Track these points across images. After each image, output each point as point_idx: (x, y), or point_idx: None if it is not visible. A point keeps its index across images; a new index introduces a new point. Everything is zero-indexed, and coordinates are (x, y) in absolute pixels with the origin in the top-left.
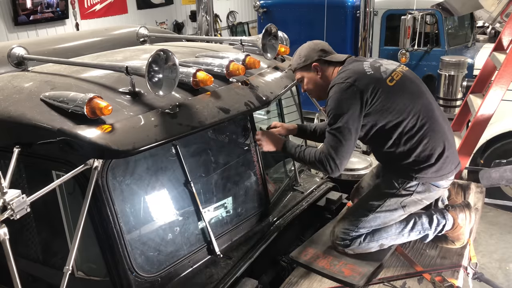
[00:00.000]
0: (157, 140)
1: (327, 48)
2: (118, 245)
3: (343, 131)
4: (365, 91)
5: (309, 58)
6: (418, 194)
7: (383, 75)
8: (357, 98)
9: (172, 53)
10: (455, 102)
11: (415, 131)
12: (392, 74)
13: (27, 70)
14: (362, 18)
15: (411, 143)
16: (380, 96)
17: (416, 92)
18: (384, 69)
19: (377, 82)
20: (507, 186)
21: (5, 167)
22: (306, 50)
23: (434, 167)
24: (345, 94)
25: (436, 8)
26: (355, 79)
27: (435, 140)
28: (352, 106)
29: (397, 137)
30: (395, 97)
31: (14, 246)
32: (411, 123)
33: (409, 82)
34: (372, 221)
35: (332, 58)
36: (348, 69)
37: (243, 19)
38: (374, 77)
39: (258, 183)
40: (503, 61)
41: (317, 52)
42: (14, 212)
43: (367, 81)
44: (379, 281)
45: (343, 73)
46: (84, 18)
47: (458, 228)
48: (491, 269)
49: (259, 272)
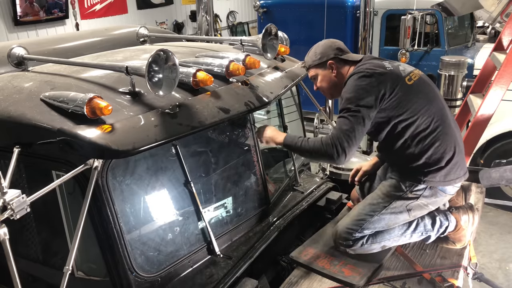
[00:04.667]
0: (157, 140)
1: (343, 47)
2: (118, 245)
3: (356, 116)
4: (383, 84)
5: (325, 55)
6: (425, 199)
7: (402, 73)
8: (374, 89)
9: (172, 53)
10: (455, 102)
11: (428, 133)
12: (410, 74)
13: (27, 70)
14: (362, 18)
15: (423, 145)
16: (398, 93)
17: (431, 95)
18: (403, 68)
19: (396, 78)
20: (507, 186)
21: (5, 167)
22: (322, 47)
23: (443, 171)
24: (363, 82)
25: (436, 8)
26: (375, 71)
27: (446, 143)
28: (368, 95)
29: (410, 136)
30: (412, 96)
31: (14, 246)
32: (425, 124)
33: (426, 84)
34: (377, 222)
35: (349, 57)
36: (367, 62)
37: (243, 19)
38: (394, 73)
39: (258, 183)
40: (503, 61)
41: (333, 50)
42: (14, 212)
43: (387, 76)
44: (379, 281)
45: (362, 65)
46: (84, 18)
47: (460, 230)
48: (491, 269)
49: (259, 272)
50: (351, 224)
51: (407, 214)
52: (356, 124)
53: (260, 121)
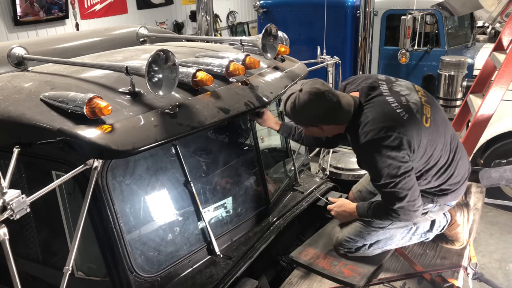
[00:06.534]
0: (157, 140)
1: (331, 105)
2: (118, 245)
3: (399, 186)
4: (411, 140)
5: (310, 120)
6: (432, 213)
7: (417, 114)
8: (406, 149)
9: (172, 53)
10: (455, 102)
11: (446, 166)
12: (423, 109)
13: (27, 70)
14: (362, 18)
15: (442, 178)
16: (422, 143)
17: (444, 125)
18: (413, 105)
19: (418, 128)
20: (507, 186)
21: (5, 167)
22: (308, 107)
23: (456, 191)
24: (390, 150)
25: (436, 8)
26: (393, 126)
27: (462, 169)
28: (403, 161)
29: (430, 174)
30: (434, 139)
31: (14, 246)
32: (444, 159)
33: (438, 115)
34: (381, 235)
35: (336, 120)
36: (376, 112)
37: (243, 19)
38: (412, 121)
39: (258, 183)
40: (503, 61)
41: (319, 118)
42: (14, 212)
43: (408, 128)
44: (379, 282)
45: (372, 120)
46: (84, 18)
47: (455, 226)
48: (491, 269)
49: (259, 272)
50: (354, 235)
51: (411, 224)
52: (406, 190)
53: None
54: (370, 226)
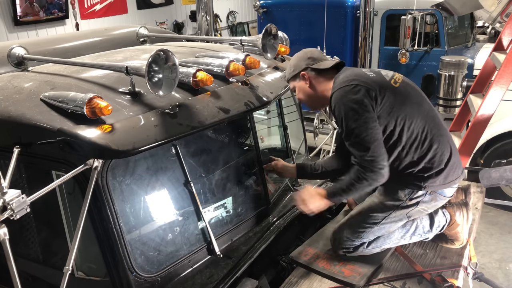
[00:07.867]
0: (157, 140)
1: (317, 55)
2: (118, 245)
3: (363, 135)
4: (373, 90)
5: (297, 67)
6: (424, 204)
7: (386, 77)
8: (366, 96)
9: (172, 53)
10: (455, 102)
11: (424, 136)
12: (394, 77)
13: (27, 70)
14: (362, 18)
15: (421, 149)
16: (388, 97)
17: (420, 97)
18: (385, 73)
19: (383, 83)
20: (507, 186)
21: (5, 167)
22: (295, 59)
23: (443, 173)
24: (352, 95)
25: (436, 8)
26: (359, 80)
27: (443, 144)
28: (364, 106)
29: (407, 142)
30: (401, 98)
31: (14, 246)
32: (420, 127)
33: (411, 86)
34: (377, 231)
35: (320, 65)
36: (347, 73)
37: (243, 19)
38: (378, 78)
39: (258, 183)
40: (503, 61)
41: (305, 60)
42: (14, 212)
43: (373, 82)
44: (379, 281)
45: (342, 78)
46: (84, 18)
47: (455, 225)
48: (491, 269)
49: (259, 272)
50: (351, 234)
51: (406, 219)
52: (369, 143)
53: (260, 121)
54: (365, 223)
